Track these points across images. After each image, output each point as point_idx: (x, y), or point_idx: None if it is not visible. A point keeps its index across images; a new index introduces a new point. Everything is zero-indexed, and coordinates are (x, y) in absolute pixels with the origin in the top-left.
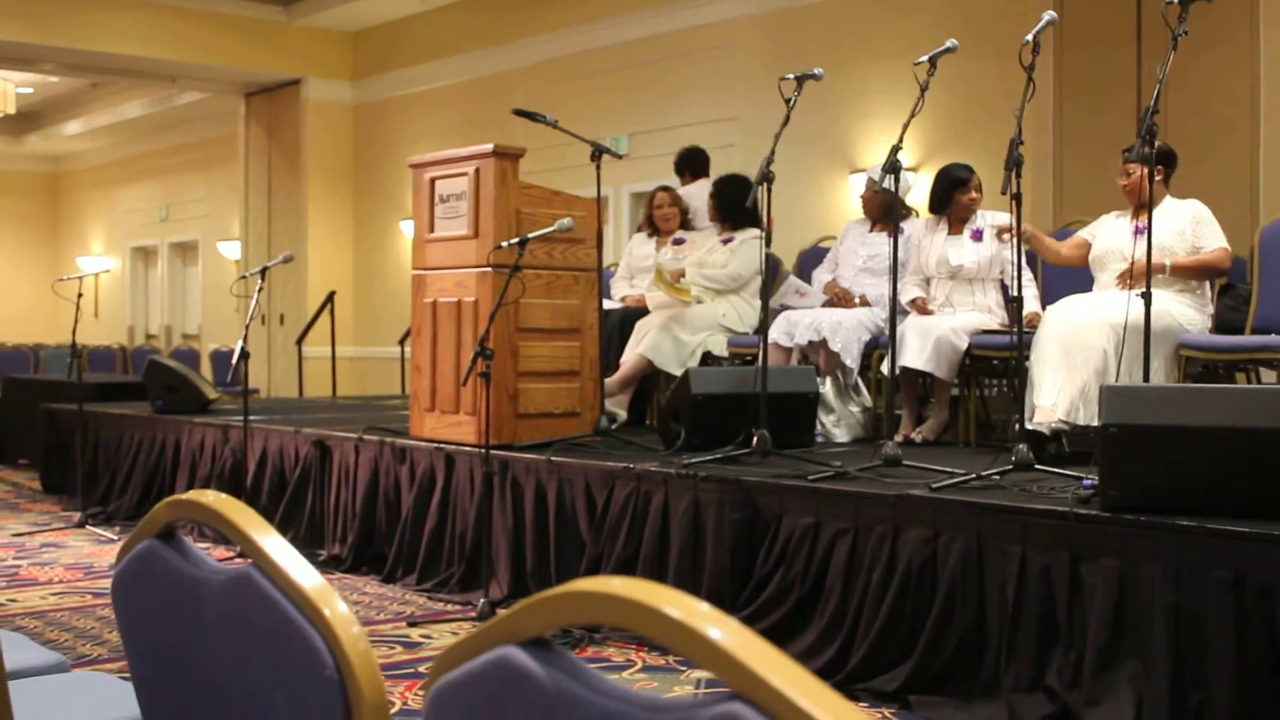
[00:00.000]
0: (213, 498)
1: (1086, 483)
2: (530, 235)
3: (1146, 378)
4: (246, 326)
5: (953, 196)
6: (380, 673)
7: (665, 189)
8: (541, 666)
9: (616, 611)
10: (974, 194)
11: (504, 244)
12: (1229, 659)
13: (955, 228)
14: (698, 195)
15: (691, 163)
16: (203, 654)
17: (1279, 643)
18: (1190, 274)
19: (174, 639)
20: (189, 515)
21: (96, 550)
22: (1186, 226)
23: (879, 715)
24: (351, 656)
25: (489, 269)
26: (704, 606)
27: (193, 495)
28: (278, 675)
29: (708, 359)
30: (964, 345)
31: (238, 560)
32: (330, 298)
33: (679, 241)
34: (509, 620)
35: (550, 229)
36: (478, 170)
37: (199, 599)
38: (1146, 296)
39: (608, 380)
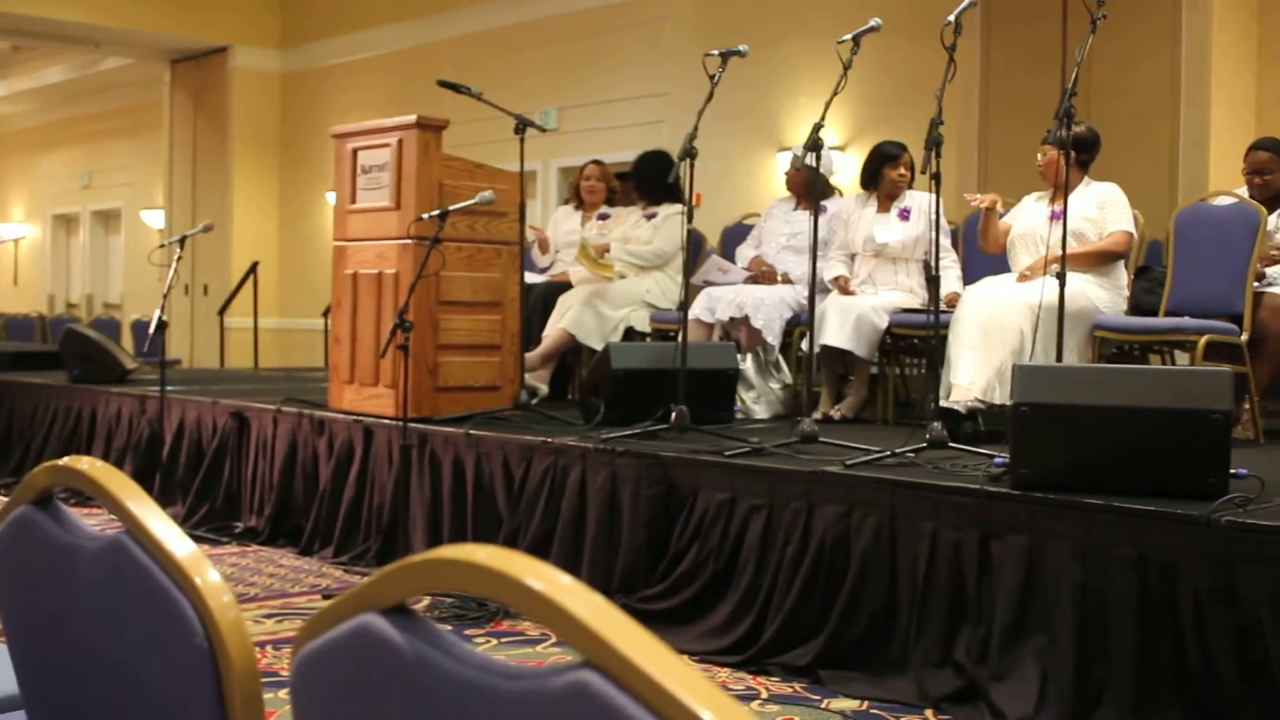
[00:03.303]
0: (88, 464)
1: (998, 460)
2: (451, 207)
3: (1060, 358)
4: (165, 295)
5: (883, 172)
6: (250, 641)
7: (596, 162)
8: (401, 634)
9: (479, 581)
10: (903, 170)
11: (425, 216)
12: (1131, 636)
13: (884, 205)
14: None
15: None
16: (77, 622)
17: (1179, 620)
18: (1086, 262)
19: (48, 607)
20: (65, 481)
21: None
22: (1095, 210)
23: (791, 689)
24: (221, 625)
25: (410, 241)
26: (566, 579)
27: (69, 461)
28: (149, 643)
29: (630, 334)
30: (884, 324)
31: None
32: (253, 268)
33: (604, 216)
34: (370, 587)
35: (471, 201)
36: (400, 141)
37: (74, 566)
38: (1061, 278)
39: (529, 354)
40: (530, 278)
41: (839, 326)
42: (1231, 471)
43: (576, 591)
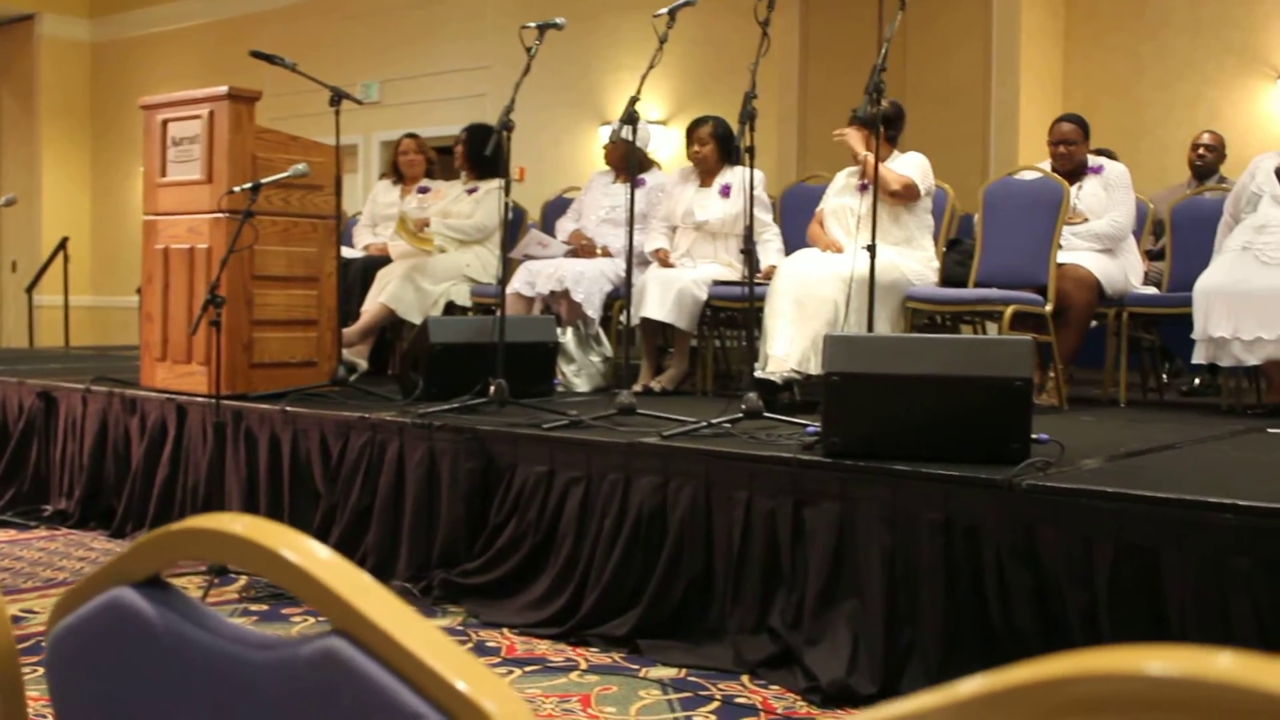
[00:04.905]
0: None
1: (810, 429)
2: (264, 180)
3: (871, 328)
4: None
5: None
6: (8, 622)
7: (411, 135)
8: (153, 607)
9: (234, 552)
10: (697, 147)
11: (237, 189)
12: (938, 597)
13: (706, 180)
14: None
15: None
16: None
17: (983, 581)
18: (886, 179)
19: None
20: None
21: None
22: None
23: (610, 659)
24: None
25: (222, 215)
26: (322, 550)
27: None
28: None
29: (451, 309)
30: (704, 296)
31: None
32: (63, 244)
33: (424, 190)
34: (123, 561)
35: (285, 174)
36: (212, 113)
37: None
38: (871, 250)
39: (348, 330)
40: (348, 252)
41: (660, 299)
42: (1033, 437)
43: (329, 561)
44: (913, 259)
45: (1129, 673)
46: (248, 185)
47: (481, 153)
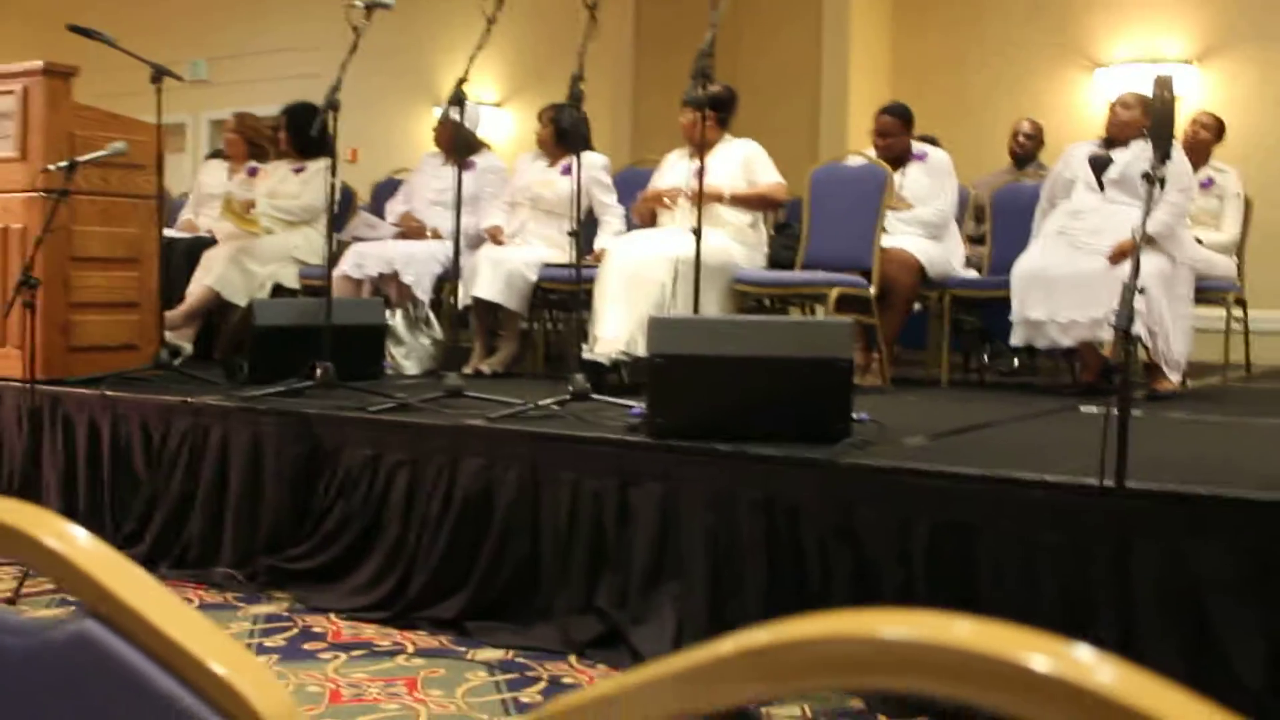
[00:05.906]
0: None
1: (635, 410)
2: (80, 159)
3: (697, 310)
4: None
5: None
6: None
7: (237, 114)
8: None
9: None
10: (539, 127)
11: (52, 167)
12: (760, 575)
13: (554, 161)
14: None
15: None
16: None
17: (804, 560)
18: (748, 204)
19: None
20: None
21: None
22: (738, 166)
23: (437, 642)
24: None
25: (38, 194)
26: (79, 533)
27: None
28: None
29: (279, 291)
30: (534, 278)
31: None
32: None
33: (253, 171)
34: None
35: (102, 153)
36: (26, 89)
37: None
38: (697, 232)
39: (172, 313)
40: (172, 233)
41: (490, 279)
42: (855, 416)
43: (84, 544)
44: (741, 242)
45: (863, 636)
46: (64, 164)
47: (304, 133)
